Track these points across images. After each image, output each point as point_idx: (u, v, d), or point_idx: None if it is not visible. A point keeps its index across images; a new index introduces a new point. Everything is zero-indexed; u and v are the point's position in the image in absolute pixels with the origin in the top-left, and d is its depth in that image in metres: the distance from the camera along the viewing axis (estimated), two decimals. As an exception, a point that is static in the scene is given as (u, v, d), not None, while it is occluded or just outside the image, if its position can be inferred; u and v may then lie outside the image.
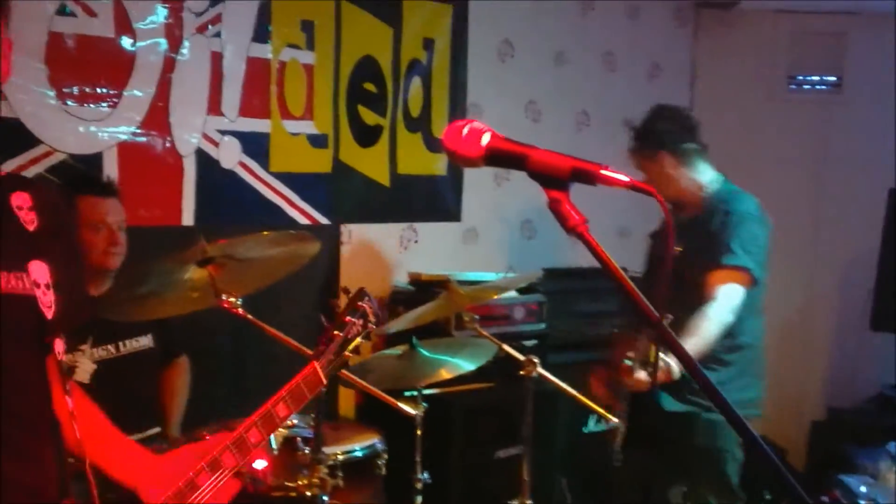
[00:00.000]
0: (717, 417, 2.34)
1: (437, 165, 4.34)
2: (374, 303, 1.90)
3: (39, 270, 1.53)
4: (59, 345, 1.56)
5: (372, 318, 1.86)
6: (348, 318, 1.82)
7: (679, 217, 3.30)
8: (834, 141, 5.50)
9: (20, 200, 1.55)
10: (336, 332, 1.80)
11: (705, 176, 3.31)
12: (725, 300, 3.07)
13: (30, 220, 1.54)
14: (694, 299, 3.06)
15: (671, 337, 1.48)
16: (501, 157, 1.45)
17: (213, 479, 1.71)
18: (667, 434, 3.25)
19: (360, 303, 1.86)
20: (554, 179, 1.41)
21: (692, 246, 3.13)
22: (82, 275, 1.72)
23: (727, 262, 3.11)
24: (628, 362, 2.88)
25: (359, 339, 1.86)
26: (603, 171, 1.39)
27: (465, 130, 1.46)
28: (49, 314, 1.53)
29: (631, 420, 3.06)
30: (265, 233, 2.52)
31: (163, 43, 3.34)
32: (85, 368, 2.89)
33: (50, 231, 1.57)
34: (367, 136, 4.06)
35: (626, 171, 1.39)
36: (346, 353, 1.81)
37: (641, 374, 2.88)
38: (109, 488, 1.72)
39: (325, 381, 1.75)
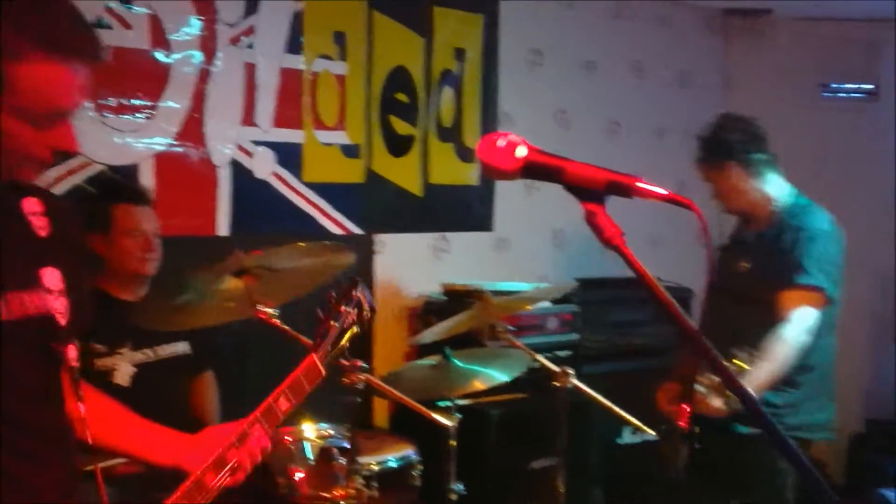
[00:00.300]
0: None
1: (469, 175, 4.34)
2: (368, 292, 1.89)
3: (52, 277, 1.55)
4: (71, 351, 1.57)
5: (366, 307, 1.85)
6: (343, 307, 1.81)
7: (746, 232, 3.23)
8: (869, 149, 5.43)
9: (32, 206, 1.56)
10: (332, 323, 1.79)
11: (776, 188, 3.19)
12: (800, 322, 2.95)
13: (41, 226, 1.56)
14: (762, 319, 2.97)
15: (711, 353, 1.46)
16: (537, 170, 1.45)
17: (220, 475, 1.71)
18: (727, 452, 3.18)
19: (353, 292, 1.85)
20: (590, 192, 1.41)
21: (761, 263, 3.07)
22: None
23: (801, 282, 2.99)
24: (701, 389, 2.78)
25: (355, 329, 1.84)
26: (639, 184, 1.39)
27: (501, 143, 1.45)
28: (63, 321, 1.55)
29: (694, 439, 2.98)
30: (300, 244, 2.53)
31: (197, 55, 3.37)
32: (124, 371, 2.92)
33: (61, 237, 1.59)
34: (398, 146, 4.07)
35: (660, 181, 1.38)
36: (343, 342, 1.80)
37: (718, 402, 2.78)
38: (155, 485, 1.74)
39: (324, 372, 1.75)
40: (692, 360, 2.88)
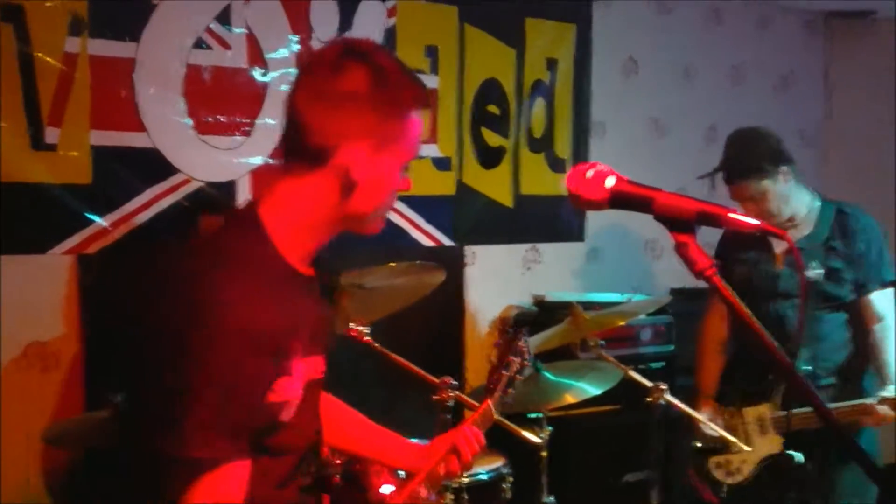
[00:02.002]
0: None
1: (560, 185, 4.33)
2: (529, 342, 2.00)
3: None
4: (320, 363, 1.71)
5: (527, 357, 1.97)
6: (510, 357, 1.93)
7: (799, 240, 3.20)
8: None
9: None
10: (503, 372, 1.91)
11: (807, 194, 3.22)
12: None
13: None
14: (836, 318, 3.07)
15: (803, 384, 1.44)
16: (626, 201, 1.44)
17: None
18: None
19: (519, 343, 1.96)
20: (680, 222, 1.40)
21: (836, 265, 3.06)
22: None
23: (887, 279, 3.09)
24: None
25: (518, 377, 1.97)
26: (731, 215, 1.37)
27: (590, 173, 1.46)
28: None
29: None
30: (392, 264, 2.57)
31: (293, 72, 3.44)
32: None
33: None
34: (490, 158, 4.08)
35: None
36: (510, 390, 1.93)
37: (884, 409, 2.89)
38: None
39: (496, 417, 1.90)
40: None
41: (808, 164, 5.43)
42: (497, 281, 4.21)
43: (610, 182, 1.44)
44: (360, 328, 2.36)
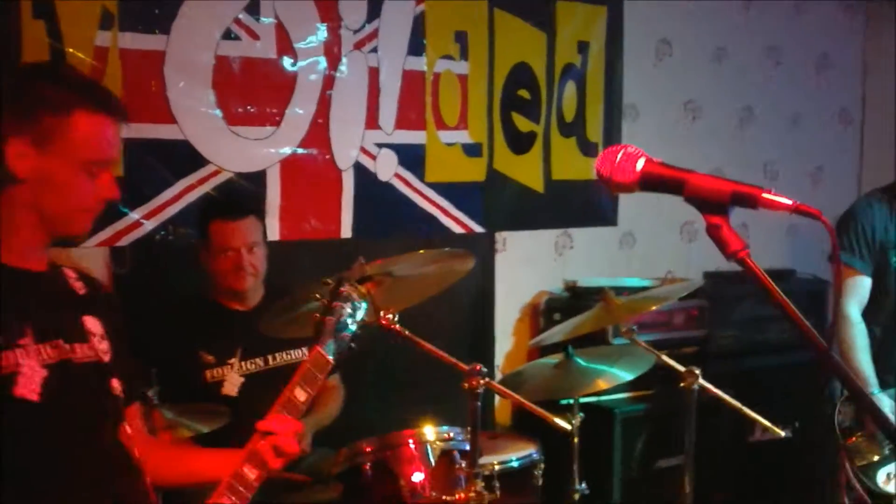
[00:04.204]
0: None
1: (592, 170, 4.28)
2: (354, 285, 2.04)
3: (93, 323, 1.84)
4: (115, 382, 1.84)
5: (356, 297, 2.00)
6: (336, 303, 1.96)
7: None
8: None
9: (71, 273, 1.90)
10: (328, 318, 1.94)
11: None
12: None
13: (79, 287, 1.89)
14: None
15: (840, 367, 1.42)
16: (657, 183, 1.43)
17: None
18: None
19: (341, 289, 2.00)
20: (713, 204, 1.38)
21: None
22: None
23: None
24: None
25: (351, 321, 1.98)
26: (765, 195, 1.35)
27: (619, 156, 1.44)
28: (106, 358, 1.83)
29: None
30: (421, 251, 2.55)
31: (322, 61, 3.44)
32: (232, 382, 2.99)
33: (95, 295, 1.91)
34: (521, 144, 4.05)
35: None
36: (344, 333, 1.95)
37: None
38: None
39: (330, 360, 1.90)
40: None
41: (846, 145, 5.35)
42: (528, 267, 4.20)
43: (640, 164, 1.43)
44: (390, 316, 2.35)
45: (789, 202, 1.33)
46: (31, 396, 1.65)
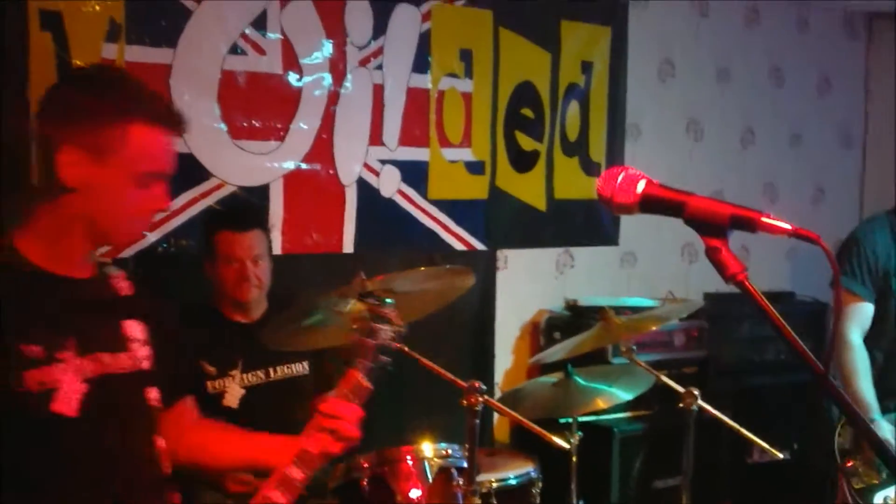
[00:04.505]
0: None
1: (594, 189, 4.29)
2: (393, 306, 2.02)
3: (134, 328, 1.81)
4: (152, 392, 1.81)
5: (397, 322, 1.98)
6: (376, 325, 1.96)
7: None
8: None
9: (116, 273, 1.88)
10: (368, 340, 1.94)
11: None
12: None
13: (124, 287, 1.86)
14: None
15: (836, 391, 1.43)
16: (657, 205, 1.44)
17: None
18: None
19: (383, 310, 2.00)
20: (712, 227, 1.39)
21: None
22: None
23: None
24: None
25: (392, 344, 1.98)
26: (763, 219, 1.36)
27: (620, 178, 1.46)
28: (146, 365, 1.79)
29: None
30: (422, 268, 2.57)
31: (327, 77, 3.46)
32: (234, 394, 2.98)
33: (141, 295, 1.88)
34: (523, 162, 4.07)
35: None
36: (383, 357, 1.95)
37: None
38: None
39: (369, 386, 1.90)
40: None
41: (848, 167, 5.37)
42: (529, 285, 4.20)
43: (640, 186, 1.44)
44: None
45: (788, 226, 1.34)
46: (68, 412, 1.63)
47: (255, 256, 3.00)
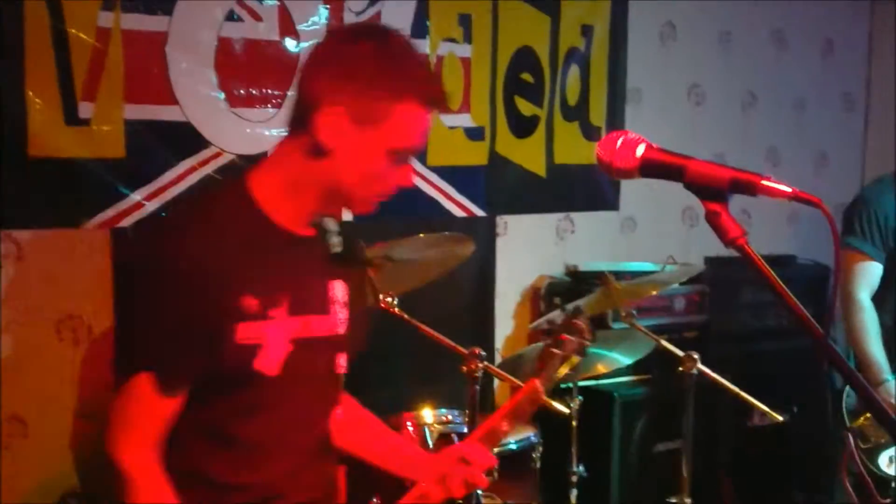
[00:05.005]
0: None
1: (595, 154, 4.27)
2: (588, 320, 1.93)
3: (338, 289, 1.76)
4: (341, 358, 1.78)
5: (587, 336, 1.89)
6: (565, 335, 1.87)
7: None
8: None
9: (332, 226, 1.79)
10: (555, 350, 1.85)
11: None
12: None
13: (336, 244, 1.79)
14: None
15: (837, 356, 1.42)
16: (657, 169, 1.44)
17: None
18: None
19: (575, 321, 1.91)
20: (712, 191, 1.39)
21: None
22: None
23: None
24: None
25: (574, 358, 1.89)
26: (763, 182, 1.36)
27: (619, 142, 1.46)
28: (342, 330, 1.75)
29: None
30: (421, 235, 2.56)
31: (324, 43, 3.42)
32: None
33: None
34: (523, 127, 4.04)
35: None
36: (563, 369, 1.88)
37: None
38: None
39: (544, 398, 1.84)
40: None
41: (850, 130, 5.34)
42: (530, 251, 4.19)
43: (640, 150, 1.44)
44: (389, 299, 2.36)
45: (788, 189, 1.33)
46: (269, 371, 1.61)
47: None
